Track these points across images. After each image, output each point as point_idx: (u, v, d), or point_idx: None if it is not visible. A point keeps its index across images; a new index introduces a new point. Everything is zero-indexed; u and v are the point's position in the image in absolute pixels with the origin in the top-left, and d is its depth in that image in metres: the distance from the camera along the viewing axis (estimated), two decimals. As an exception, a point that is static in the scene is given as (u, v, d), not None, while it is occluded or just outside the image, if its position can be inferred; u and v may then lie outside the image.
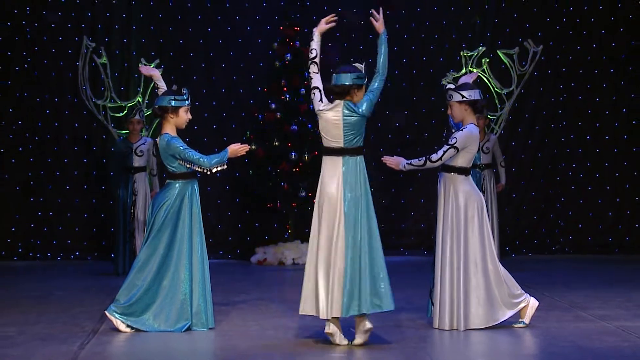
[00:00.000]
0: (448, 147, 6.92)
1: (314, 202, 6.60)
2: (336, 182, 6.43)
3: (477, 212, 7.00)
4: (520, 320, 7.08)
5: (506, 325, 7.04)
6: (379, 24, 6.57)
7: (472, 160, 7.09)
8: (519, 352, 6.47)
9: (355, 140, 6.46)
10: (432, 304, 7.10)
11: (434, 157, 6.89)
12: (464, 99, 7.01)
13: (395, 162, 6.90)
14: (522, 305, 7.06)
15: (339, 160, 6.45)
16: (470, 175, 7.13)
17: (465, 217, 6.99)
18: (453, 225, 6.99)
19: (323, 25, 6.64)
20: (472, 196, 7.03)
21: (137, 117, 10.81)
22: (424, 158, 6.90)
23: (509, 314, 7.04)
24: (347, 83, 6.48)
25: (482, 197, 7.19)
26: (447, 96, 7.11)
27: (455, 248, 6.98)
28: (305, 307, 6.46)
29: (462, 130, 7.00)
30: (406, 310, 7.79)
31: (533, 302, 7.09)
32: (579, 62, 12.91)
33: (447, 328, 6.93)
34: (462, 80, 7.49)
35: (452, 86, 7.18)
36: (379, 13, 6.56)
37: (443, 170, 7.05)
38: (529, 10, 12.87)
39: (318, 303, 6.37)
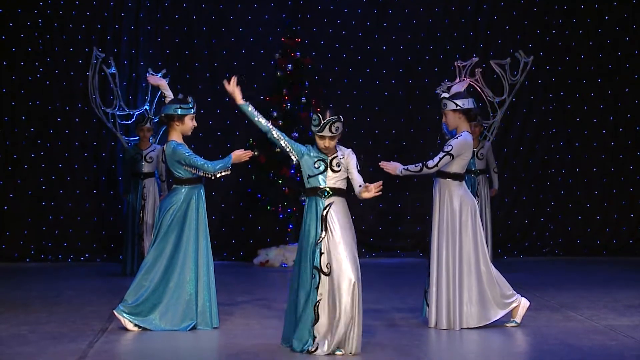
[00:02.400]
0: (444, 154, 6.98)
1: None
2: None
3: (470, 216, 7.11)
4: (512, 319, 7.18)
5: (498, 324, 7.13)
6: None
7: (465, 166, 7.15)
8: (511, 350, 6.51)
9: None
10: (427, 304, 7.17)
11: (430, 163, 6.96)
12: (458, 107, 7.09)
13: (392, 167, 6.95)
14: (514, 305, 7.16)
15: None
16: (464, 181, 7.21)
17: (460, 221, 7.08)
18: (448, 229, 7.07)
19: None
20: (466, 201, 7.13)
21: (147, 124, 10.83)
22: (420, 164, 6.96)
23: (501, 313, 7.14)
24: None
25: (475, 201, 7.25)
26: (441, 105, 7.20)
27: (450, 250, 7.05)
28: None
29: (457, 137, 7.07)
30: (401, 310, 7.93)
31: (524, 302, 7.20)
32: (568, 72, 13.03)
33: (443, 327, 7.00)
34: (454, 89, 7.58)
35: (447, 95, 7.23)
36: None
37: (438, 176, 7.14)
38: (520, 23, 13.00)
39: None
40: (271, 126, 6.44)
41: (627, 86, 13.13)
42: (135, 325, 7.03)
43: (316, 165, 6.28)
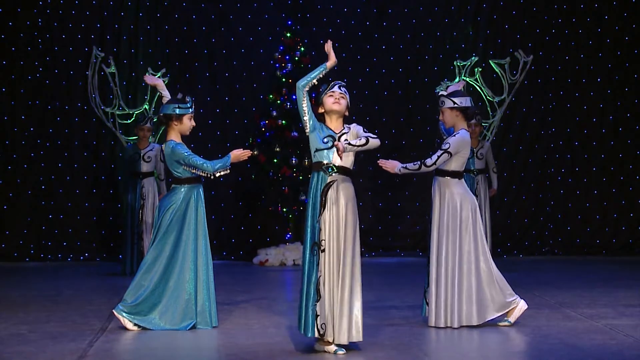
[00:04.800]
0: (442, 152, 6.98)
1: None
2: None
3: (471, 214, 7.07)
4: (506, 319, 7.15)
5: (492, 324, 7.11)
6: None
7: (464, 164, 7.14)
8: (510, 349, 6.48)
9: None
10: (427, 303, 7.14)
11: (429, 161, 6.96)
12: (455, 105, 7.09)
13: (391, 165, 6.93)
14: (512, 306, 7.12)
15: None
16: (463, 179, 7.20)
17: (460, 219, 7.04)
18: (449, 227, 7.04)
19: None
20: (466, 198, 7.09)
21: (149, 124, 10.82)
22: (418, 162, 6.95)
23: (498, 313, 7.10)
24: None
25: (475, 199, 7.23)
26: (439, 102, 7.21)
27: (450, 248, 7.02)
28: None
29: (454, 135, 7.06)
30: (401, 309, 7.92)
31: (522, 305, 7.17)
32: (567, 72, 13.05)
33: (442, 326, 6.96)
34: (450, 89, 7.51)
35: (445, 93, 7.21)
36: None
37: (437, 174, 7.12)
38: (519, 22, 13.03)
39: None
40: (307, 89, 6.32)
41: (627, 86, 13.15)
42: (135, 324, 7.02)
43: (325, 140, 6.26)
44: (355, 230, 6.23)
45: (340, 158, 6.21)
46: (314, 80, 6.32)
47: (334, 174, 6.21)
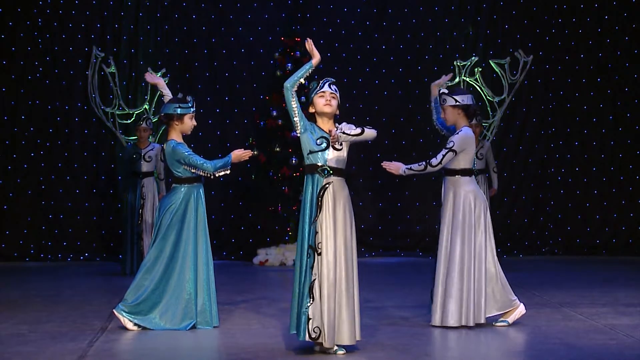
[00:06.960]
0: (446, 150, 6.94)
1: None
2: None
3: (482, 212, 7.05)
4: (502, 319, 7.14)
5: (489, 324, 7.09)
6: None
7: (472, 161, 7.10)
8: (510, 349, 6.47)
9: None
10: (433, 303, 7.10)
11: (434, 161, 6.90)
12: (457, 103, 7.05)
13: (395, 167, 6.87)
14: (513, 307, 7.13)
15: None
16: (473, 176, 7.16)
17: (474, 216, 7.01)
18: (465, 225, 6.98)
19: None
20: (478, 196, 7.05)
21: (144, 124, 10.81)
22: (424, 163, 6.90)
23: (500, 312, 7.11)
24: None
25: (485, 198, 7.19)
26: (441, 100, 7.18)
27: (463, 247, 6.96)
28: None
29: (457, 133, 7.02)
30: (401, 309, 7.91)
31: (522, 308, 7.17)
32: (567, 72, 13.07)
33: (453, 325, 6.90)
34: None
35: (446, 91, 7.18)
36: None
37: (447, 174, 7.07)
38: (519, 22, 13.05)
39: None
40: (295, 89, 6.23)
41: (627, 85, 13.17)
42: (135, 324, 7.03)
43: (318, 142, 6.16)
44: (352, 231, 6.20)
45: (335, 148, 6.14)
46: (302, 79, 6.25)
47: (329, 176, 6.14)
